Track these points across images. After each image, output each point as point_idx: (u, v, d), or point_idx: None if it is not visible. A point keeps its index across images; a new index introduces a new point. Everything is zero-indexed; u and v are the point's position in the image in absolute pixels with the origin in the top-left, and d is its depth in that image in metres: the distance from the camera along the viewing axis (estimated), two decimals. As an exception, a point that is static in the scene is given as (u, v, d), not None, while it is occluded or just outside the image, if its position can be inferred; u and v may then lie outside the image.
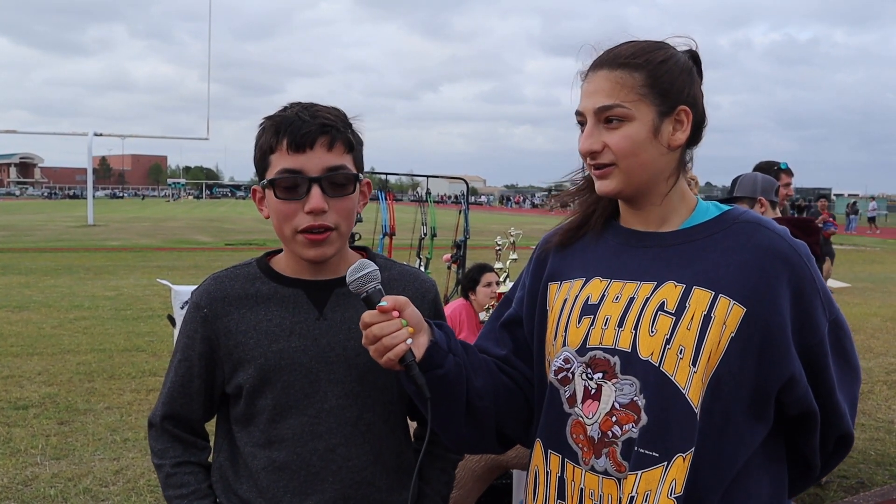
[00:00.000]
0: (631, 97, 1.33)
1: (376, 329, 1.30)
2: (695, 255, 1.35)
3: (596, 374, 1.35)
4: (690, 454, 1.26)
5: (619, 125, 1.34)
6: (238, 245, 21.64)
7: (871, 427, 5.93)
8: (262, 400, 1.48)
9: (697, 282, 1.32)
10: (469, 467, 2.84)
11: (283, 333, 1.48)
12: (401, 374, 1.36)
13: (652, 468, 1.27)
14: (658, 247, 1.39)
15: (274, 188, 1.42)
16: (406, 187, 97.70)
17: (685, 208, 1.42)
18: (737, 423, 1.30)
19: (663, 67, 1.35)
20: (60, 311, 10.14)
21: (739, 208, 1.42)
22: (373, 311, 1.32)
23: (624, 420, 1.31)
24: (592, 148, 1.36)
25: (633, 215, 1.44)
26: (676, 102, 1.35)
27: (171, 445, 1.54)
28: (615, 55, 1.37)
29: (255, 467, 1.49)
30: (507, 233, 3.66)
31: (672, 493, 1.25)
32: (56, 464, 4.73)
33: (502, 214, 57.49)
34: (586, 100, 1.37)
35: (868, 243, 30.37)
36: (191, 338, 1.53)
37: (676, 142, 1.37)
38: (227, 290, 1.52)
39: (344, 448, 1.49)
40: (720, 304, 1.29)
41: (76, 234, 26.38)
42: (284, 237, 1.47)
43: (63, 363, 7.28)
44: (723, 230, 1.37)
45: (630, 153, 1.34)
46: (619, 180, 1.36)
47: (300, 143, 1.40)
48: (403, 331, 1.31)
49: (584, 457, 1.36)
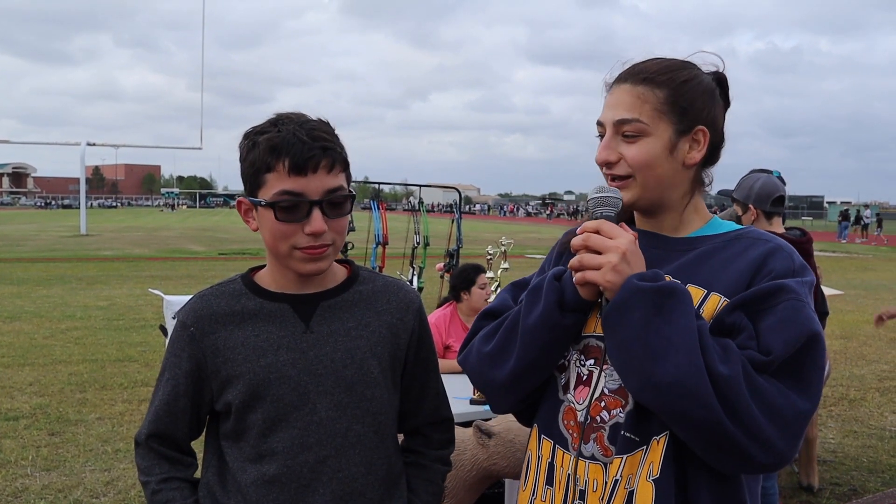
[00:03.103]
0: (650, 113, 1.37)
1: (595, 240, 1.31)
2: (695, 259, 1.40)
3: (588, 361, 1.41)
4: (665, 437, 1.29)
5: (635, 139, 1.38)
6: (232, 255, 21.58)
7: (863, 434, 5.94)
8: (253, 415, 1.48)
9: (692, 280, 1.36)
10: (460, 477, 2.84)
11: (271, 348, 1.48)
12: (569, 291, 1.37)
13: (634, 452, 1.31)
14: (663, 249, 1.44)
15: (274, 209, 1.42)
16: (400, 196, 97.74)
17: (699, 220, 1.47)
18: None
19: (685, 87, 1.39)
20: (52, 322, 10.09)
21: (755, 229, 1.45)
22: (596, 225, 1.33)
23: (612, 405, 1.36)
24: (609, 158, 1.40)
25: (647, 223, 1.49)
26: (695, 122, 1.39)
27: (156, 463, 1.54)
28: (640, 70, 1.41)
29: (245, 482, 1.48)
30: (499, 242, 3.66)
31: (650, 475, 1.29)
32: (47, 475, 4.70)
33: (496, 223, 57.56)
34: (607, 111, 1.42)
35: (860, 250, 30.49)
36: (178, 356, 1.53)
37: (691, 160, 1.41)
38: (212, 308, 1.52)
39: (335, 459, 1.49)
40: (710, 300, 1.33)
41: (69, 243, 26.29)
42: (279, 253, 1.47)
43: (54, 374, 7.24)
44: (726, 242, 1.41)
45: (645, 166, 1.38)
46: (635, 193, 1.40)
47: (302, 166, 1.40)
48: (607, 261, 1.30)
49: (573, 442, 1.41)
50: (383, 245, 6.51)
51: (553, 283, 1.40)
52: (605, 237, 1.31)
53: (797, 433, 1.24)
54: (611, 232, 1.31)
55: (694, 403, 1.20)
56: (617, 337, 1.28)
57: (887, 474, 5.08)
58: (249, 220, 1.50)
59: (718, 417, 1.19)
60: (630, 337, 1.26)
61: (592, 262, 1.30)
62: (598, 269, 1.29)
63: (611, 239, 1.30)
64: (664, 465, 1.29)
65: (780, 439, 1.22)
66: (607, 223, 1.33)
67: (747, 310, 1.29)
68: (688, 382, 1.19)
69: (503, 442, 2.80)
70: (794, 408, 1.23)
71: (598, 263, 1.29)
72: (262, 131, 1.44)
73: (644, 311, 1.24)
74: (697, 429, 1.22)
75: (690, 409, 1.20)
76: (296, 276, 1.50)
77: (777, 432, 1.21)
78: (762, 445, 1.21)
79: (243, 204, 1.50)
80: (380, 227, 6.47)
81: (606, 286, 1.29)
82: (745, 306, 1.29)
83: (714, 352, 1.22)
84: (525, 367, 1.42)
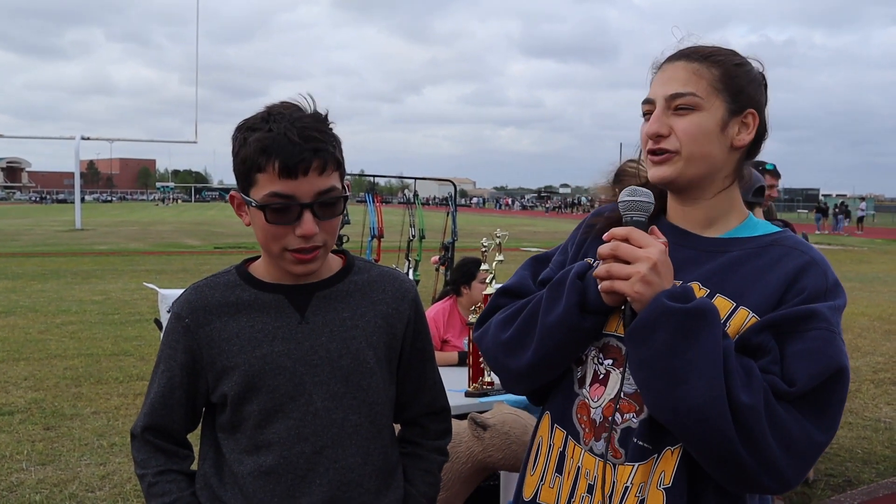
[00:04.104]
0: (706, 88, 1.36)
1: (624, 249, 1.27)
2: (727, 266, 1.36)
3: (606, 360, 1.40)
4: (679, 448, 1.29)
5: (688, 113, 1.36)
6: (227, 248, 21.55)
7: (857, 426, 5.96)
8: (249, 406, 1.47)
9: (722, 290, 1.33)
10: (456, 469, 2.84)
11: (266, 339, 1.48)
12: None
13: (646, 460, 1.31)
14: (695, 249, 1.41)
15: (264, 211, 1.40)
16: (396, 190, 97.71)
17: (735, 218, 1.44)
18: None
19: (740, 70, 1.39)
20: (47, 316, 10.07)
21: (792, 235, 1.42)
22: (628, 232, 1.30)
23: (626, 409, 1.35)
24: (660, 131, 1.36)
25: (681, 212, 1.46)
26: (746, 105, 1.39)
27: (153, 455, 1.53)
28: (695, 49, 1.41)
29: (241, 473, 1.48)
30: (494, 234, 3.65)
31: (661, 484, 1.29)
32: (42, 469, 4.70)
33: (491, 216, 57.55)
34: (659, 87, 1.40)
35: (856, 243, 30.56)
36: (173, 348, 1.52)
37: (741, 142, 1.39)
38: (207, 300, 1.51)
39: (331, 450, 1.48)
40: (738, 315, 1.30)
41: (64, 238, 26.23)
42: (271, 253, 1.46)
43: (50, 368, 7.23)
44: (760, 248, 1.38)
45: (695, 141, 1.35)
46: (677, 168, 1.37)
47: (293, 169, 1.37)
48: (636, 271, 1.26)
49: (584, 437, 1.40)
50: (379, 238, 6.50)
51: (576, 282, 1.37)
52: (634, 246, 1.28)
53: (808, 464, 1.23)
54: (641, 240, 1.28)
55: (711, 430, 1.18)
56: (640, 355, 1.26)
57: (881, 465, 5.11)
58: (242, 214, 1.49)
59: (733, 444, 1.18)
60: (654, 357, 1.23)
61: (621, 272, 1.27)
62: (626, 280, 1.26)
63: (641, 248, 1.27)
64: (677, 475, 1.28)
65: (790, 469, 1.21)
66: (637, 231, 1.30)
67: (775, 331, 1.26)
68: (707, 410, 1.18)
69: (498, 434, 2.80)
70: (810, 440, 1.21)
71: (626, 274, 1.26)
72: (253, 128, 1.41)
73: (671, 332, 1.22)
74: (710, 452, 1.22)
75: (706, 434, 1.19)
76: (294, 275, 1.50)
77: (789, 462, 1.20)
78: (771, 473, 1.20)
79: (236, 198, 1.49)
80: (375, 221, 6.46)
81: (635, 297, 1.26)
82: (773, 327, 1.26)
83: (737, 377, 1.20)
84: (541, 361, 1.41)
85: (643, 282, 1.25)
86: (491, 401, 3.28)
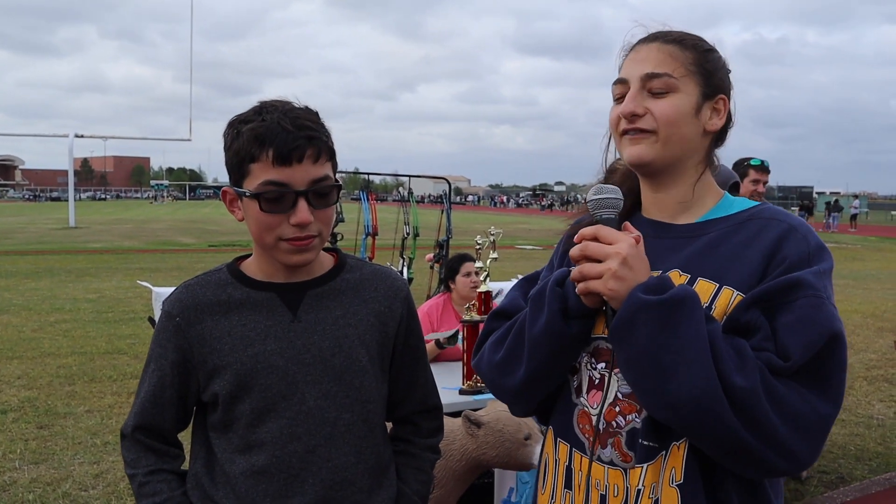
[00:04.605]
0: (681, 70, 1.35)
1: (593, 248, 1.25)
2: (705, 248, 1.34)
3: (599, 364, 1.37)
4: (685, 441, 1.25)
5: (665, 95, 1.34)
6: (221, 246, 21.50)
7: (850, 422, 5.98)
8: (240, 405, 1.47)
9: (703, 273, 1.31)
10: (450, 467, 2.84)
11: (258, 337, 1.47)
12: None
13: (654, 459, 1.27)
14: (671, 238, 1.39)
15: (258, 200, 1.40)
16: (391, 187, 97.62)
17: (710, 200, 1.42)
18: None
19: (710, 55, 1.39)
20: (41, 314, 10.04)
21: (770, 206, 1.39)
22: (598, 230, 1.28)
23: (627, 410, 1.31)
24: (636, 110, 1.34)
25: (655, 201, 1.44)
26: (718, 90, 1.38)
27: (143, 455, 1.52)
28: (666, 32, 1.40)
29: (233, 473, 1.48)
30: (488, 232, 3.65)
31: (673, 481, 1.25)
32: (35, 468, 4.69)
33: (486, 214, 57.54)
34: (633, 66, 1.37)
35: (849, 241, 30.65)
36: (163, 347, 1.51)
37: (713, 126, 1.38)
38: (198, 298, 1.50)
39: (324, 449, 1.48)
40: (723, 295, 1.27)
41: (57, 236, 26.14)
42: (265, 244, 1.46)
43: (43, 366, 7.21)
44: (737, 225, 1.35)
45: (672, 122, 1.33)
46: (655, 149, 1.35)
47: (287, 156, 1.37)
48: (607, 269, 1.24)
49: (590, 447, 1.36)
50: (373, 236, 6.50)
51: (555, 289, 1.34)
52: (603, 243, 1.25)
53: (820, 438, 1.19)
54: (609, 237, 1.26)
55: (710, 419, 1.15)
56: (625, 354, 1.23)
57: (874, 462, 5.12)
58: (235, 209, 1.49)
59: (736, 431, 1.14)
60: (638, 354, 1.20)
61: (592, 271, 1.25)
62: (599, 278, 1.24)
63: (610, 245, 1.25)
64: (687, 469, 1.25)
65: (801, 446, 1.17)
66: (605, 228, 1.27)
67: (762, 306, 1.23)
68: (703, 399, 1.14)
69: (492, 432, 2.80)
70: (816, 413, 1.17)
71: (598, 272, 1.24)
72: (246, 120, 1.41)
73: (651, 326, 1.19)
74: (715, 441, 1.18)
75: (707, 425, 1.16)
76: (282, 265, 1.49)
77: (798, 440, 1.16)
78: (783, 454, 1.17)
79: (228, 194, 1.48)
80: (369, 218, 6.45)
81: (609, 295, 1.24)
82: (759, 303, 1.23)
83: (729, 360, 1.17)
84: (535, 375, 1.38)
85: (615, 278, 1.22)
86: (485, 398, 3.28)
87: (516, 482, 3.48)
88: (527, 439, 2.78)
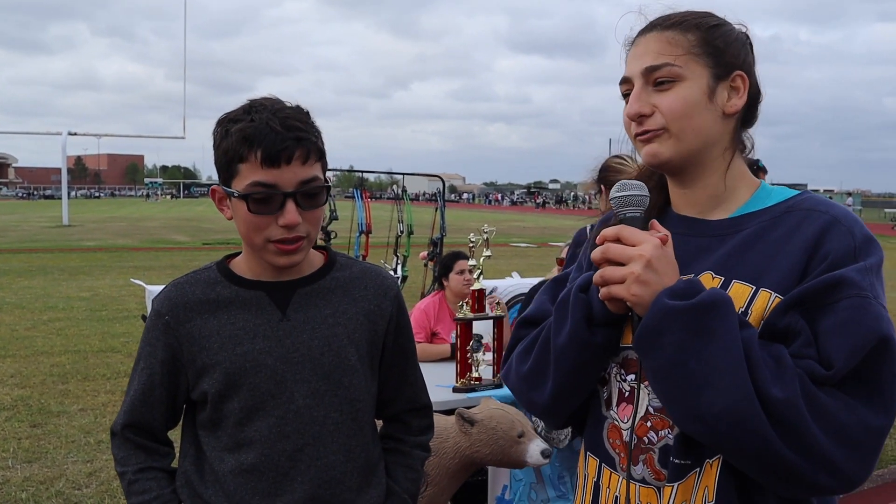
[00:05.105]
0: (683, 56, 1.23)
1: (615, 250, 1.16)
2: (740, 247, 1.24)
3: (629, 376, 1.28)
4: (718, 459, 1.16)
5: (670, 86, 1.23)
6: (216, 244, 21.45)
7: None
8: (229, 404, 1.47)
9: (738, 275, 1.21)
10: (443, 465, 2.84)
11: (247, 336, 1.47)
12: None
13: (686, 478, 1.19)
14: (703, 236, 1.28)
15: (246, 201, 1.39)
16: (385, 185, 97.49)
17: (744, 192, 1.31)
18: None
19: (718, 30, 1.27)
20: (34, 313, 10.02)
21: (810, 195, 1.27)
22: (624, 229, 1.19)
23: (659, 425, 1.23)
24: (642, 110, 1.24)
25: (684, 197, 1.33)
26: (732, 67, 1.26)
27: (133, 453, 1.52)
28: (665, 17, 1.29)
29: (222, 471, 1.47)
30: (481, 230, 3.65)
31: (706, 500, 1.17)
32: (28, 467, 4.67)
33: (481, 212, 57.56)
34: (633, 62, 1.27)
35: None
36: (153, 345, 1.51)
37: (733, 108, 1.26)
38: (187, 296, 1.50)
39: (313, 448, 1.48)
40: (759, 298, 1.17)
41: (51, 234, 26.06)
42: (253, 245, 1.45)
43: (36, 365, 7.19)
44: (775, 218, 1.24)
45: (682, 115, 1.23)
46: (669, 146, 1.25)
47: (275, 157, 1.36)
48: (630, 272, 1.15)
49: (620, 462, 1.28)
50: (367, 234, 6.50)
51: (579, 296, 1.25)
52: (625, 245, 1.16)
53: (871, 453, 1.08)
54: (632, 238, 1.16)
55: (746, 433, 1.05)
56: (652, 364, 1.14)
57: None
58: (224, 208, 1.48)
59: (774, 445, 1.05)
60: (666, 364, 1.11)
61: (615, 275, 1.15)
62: (622, 283, 1.15)
63: (633, 246, 1.15)
64: (720, 489, 1.16)
65: (849, 462, 1.06)
66: (627, 228, 1.18)
67: (802, 309, 1.13)
68: (737, 412, 1.05)
69: (486, 429, 2.80)
70: (865, 424, 1.07)
71: (621, 276, 1.15)
72: (235, 119, 1.40)
73: (679, 334, 1.10)
74: (752, 458, 1.09)
75: (742, 440, 1.07)
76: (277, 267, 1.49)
77: (846, 454, 1.06)
78: (827, 469, 1.06)
79: (217, 192, 1.48)
80: (363, 216, 6.45)
81: (633, 300, 1.15)
82: (799, 305, 1.13)
83: (766, 370, 1.07)
84: (562, 387, 1.30)
85: (639, 282, 1.13)
86: (478, 396, 3.29)
87: (510, 479, 3.49)
88: (520, 437, 2.78)
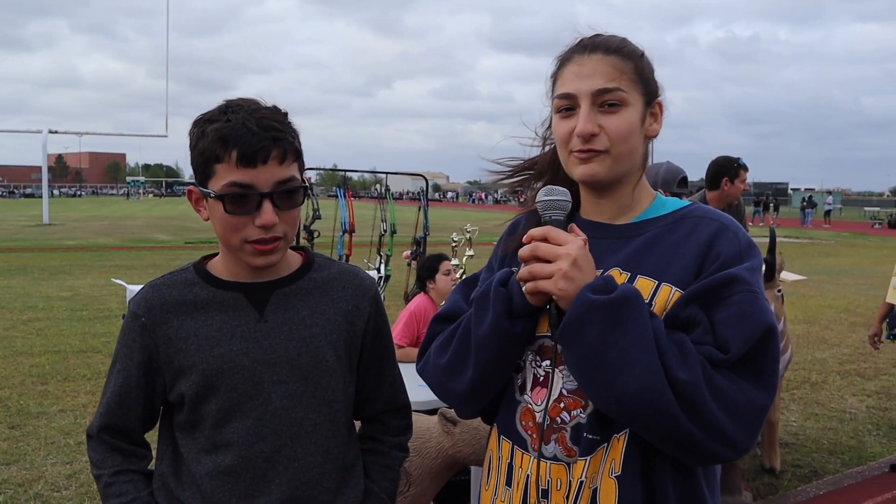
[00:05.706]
0: (627, 83, 1.36)
1: (544, 249, 1.28)
2: (643, 247, 1.38)
3: (544, 362, 1.39)
4: (625, 434, 1.29)
5: (616, 110, 1.35)
6: (198, 244, 21.31)
7: (824, 417, 6.05)
8: (207, 406, 1.46)
9: (642, 271, 1.35)
10: (426, 465, 2.83)
11: (224, 337, 1.46)
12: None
13: (596, 451, 1.31)
14: (610, 238, 1.42)
15: (223, 201, 1.39)
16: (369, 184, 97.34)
17: (645, 201, 1.45)
18: None
19: (643, 61, 1.40)
20: (13, 313, 9.91)
21: (700, 205, 1.43)
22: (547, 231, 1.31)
23: (572, 406, 1.35)
24: (594, 130, 1.34)
25: (596, 205, 1.46)
26: (655, 94, 1.41)
27: (109, 455, 1.51)
28: (605, 41, 1.38)
29: (199, 473, 1.46)
30: (464, 229, 3.65)
31: (612, 472, 1.30)
32: (6, 469, 4.62)
33: (465, 210, 57.54)
34: (581, 81, 1.36)
35: (823, 237, 31.01)
36: (129, 347, 1.49)
37: (653, 132, 1.42)
38: (164, 298, 1.49)
39: (290, 449, 1.47)
40: (661, 292, 1.32)
41: (31, 233, 25.79)
42: (230, 245, 1.44)
43: (15, 365, 7.12)
44: (672, 224, 1.39)
45: (625, 138, 1.35)
46: (606, 166, 1.36)
47: (251, 158, 1.36)
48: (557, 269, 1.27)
49: (532, 444, 1.39)
50: (350, 233, 6.47)
51: (499, 290, 1.36)
52: (553, 244, 1.29)
53: (757, 426, 1.25)
54: (559, 238, 1.29)
55: (658, 412, 1.19)
56: (575, 353, 1.27)
57: (847, 455, 5.19)
58: (201, 209, 1.47)
59: (681, 422, 1.19)
60: (588, 353, 1.24)
61: (543, 271, 1.28)
62: (549, 279, 1.27)
63: (560, 246, 1.28)
64: (626, 461, 1.29)
65: (740, 434, 1.22)
66: (555, 230, 1.31)
67: (701, 301, 1.28)
68: (651, 393, 1.19)
69: (468, 429, 2.80)
70: (753, 402, 1.23)
71: (548, 272, 1.27)
72: (211, 119, 1.40)
73: (600, 326, 1.23)
74: (661, 433, 1.23)
75: (654, 417, 1.20)
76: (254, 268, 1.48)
77: (737, 428, 1.22)
78: (723, 442, 1.22)
79: (194, 193, 1.47)
80: (346, 215, 6.42)
81: (559, 295, 1.27)
82: (698, 298, 1.28)
83: (672, 356, 1.21)
84: (482, 377, 1.40)
85: (565, 278, 1.26)
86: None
87: (492, 479, 3.48)
88: (502, 436, 2.78)
